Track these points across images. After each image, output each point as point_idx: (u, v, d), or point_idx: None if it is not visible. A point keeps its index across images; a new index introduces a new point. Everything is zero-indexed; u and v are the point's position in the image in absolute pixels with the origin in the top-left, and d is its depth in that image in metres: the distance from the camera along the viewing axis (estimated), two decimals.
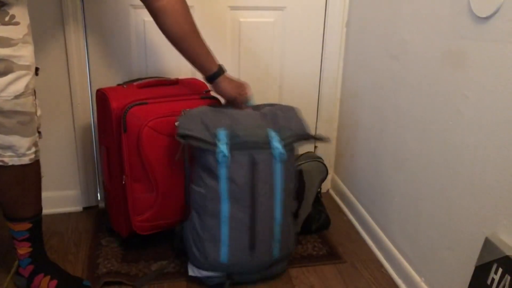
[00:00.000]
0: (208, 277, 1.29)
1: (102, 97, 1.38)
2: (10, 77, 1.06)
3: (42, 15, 1.49)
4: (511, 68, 0.90)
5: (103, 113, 1.40)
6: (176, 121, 1.27)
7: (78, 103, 1.60)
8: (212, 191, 1.22)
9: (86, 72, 1.59)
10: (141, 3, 1.24)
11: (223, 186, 1.21)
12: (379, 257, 1.48)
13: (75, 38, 1.53)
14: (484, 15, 0.96)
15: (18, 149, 1.12)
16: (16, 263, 1.30)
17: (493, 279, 0.91)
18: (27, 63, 1.10)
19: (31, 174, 1.19)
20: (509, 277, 0.87)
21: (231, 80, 1.36)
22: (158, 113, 1.31)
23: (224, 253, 1.25)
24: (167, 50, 1.63)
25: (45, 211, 1.69)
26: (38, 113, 1.17)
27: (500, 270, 0.90)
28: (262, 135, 1.23)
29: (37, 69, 1.15)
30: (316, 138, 1.33)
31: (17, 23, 1.07)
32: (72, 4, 1.49)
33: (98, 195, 1.75)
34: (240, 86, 1.38)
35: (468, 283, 1.00)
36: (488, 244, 0.95)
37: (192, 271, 1.31)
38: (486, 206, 0.98)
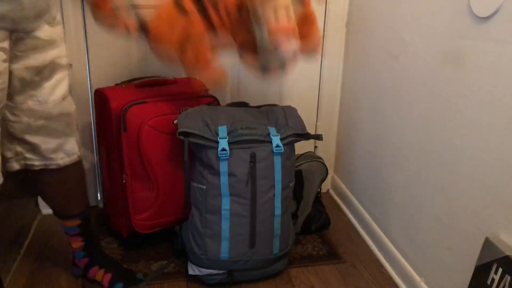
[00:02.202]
0: (208, 275, 1.29)
1: (101, 97, 1.38)
2: (55, 79, 1.06)
3: None
4: (511, 68, 0.90)
5: (102, 113, 1.40)
6: (175, 120, 1.27)
7: (78, 103, 1.60)
8: (212, 187, 1.23)
9: (86, 72, 1.59)
10: (141, 3, 1.24)
11: (224, 181, 1.22)
12: (379, 257, 1.48)
13: (75, 38, 1.53)
14: (484, 15, 0.96)
15: (68, 149, 1.14)
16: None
17: (493, 279, 0.91)
18: (66, 62, 1.10)
19: (77, 171, 1.22)
20: (509, 277, 0.87)
21: None
22: (157, 111, 1.32)
23: (224, 249, 1.25)
24: None
25: (45, 211, 1.70)
26: (74, 107, 1.17)
27: (500, 270, 0.90)
28: (262, 131, 1.24)
29: (70, 65, 1.17)
30: (313, 137, 1.33)
31: (59, 23, 1.07)
32: (72, 4, 1.49)
33: (98, 195, 1.75)
34: None
35: (468, 283, 1.00)
36: (488, 244, 0.95)
37: (192, 270, 1.31)
38: (486, 206, 0.98)
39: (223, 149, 1.19)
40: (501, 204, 0.94)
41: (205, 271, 1.29)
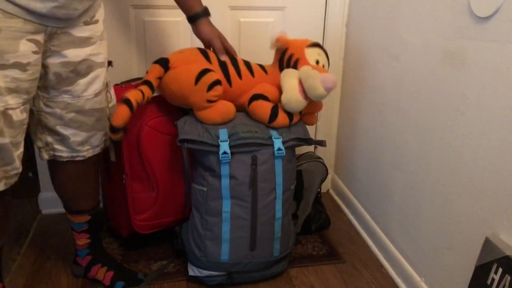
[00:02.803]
0: (209, 277, 1.29)
1: None
2: (91, 76, 1.09)
3: None
4: (511, 68, 0.90)
5: None
6: (175, 121, 1.28)
7: None
8: (213, 189, 1.23)
9: None
10: (141, 3, 1.24)
11: (225, 184, 1.21)
12: (379, 257, 1.48)
13: None
14: (484, 15, 0.96)
15: (94, 142, 1.17)
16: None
17: (493, 279, 0.91)
18: (103, 60, 1.13)
19: (96, 165, 1.25)
20: (509, 277, 0.87)
21: (212, 25, 1.32)
22: (157, 112, 1.31)
23: (225, 251, 1.25)
24: (167, 50, 1.63)
25: (45, 211, 1.70)
26: (112, 103, 1.20)
27: (500, 270, 0.90)
28: (263, 134, 1.23)
29: (110, 62, 1.19)
30: (315, 143, 1.33)
31: (97, 21, 1.09)
32: None
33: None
34: (220, 33, 1.33)
35: (468, 283, 1.00)
36: (488, 244, 0.95)
37: (192, 271, 1.31)
38: (486, 206, 0.98)
39: (225, 152, 1.19)
40: (501, 204, 0.94)
41: (205, 273, 1.29)
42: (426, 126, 1.20)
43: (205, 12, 1.30)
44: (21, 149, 1.00)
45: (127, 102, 1.15)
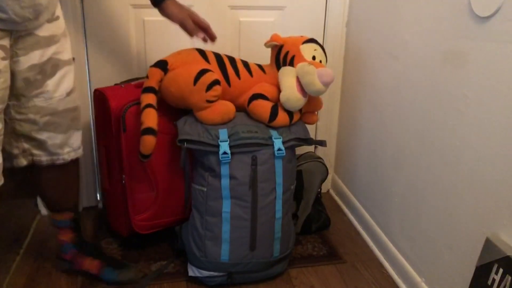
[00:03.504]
0: (208, 277, 1.29)
1: (100, 97, 1.38)
2: (58, 75, 1.07)
3: None
4: (511, 68, 0.90)
5: (101, 113, 1.40)
6: (175, 121, 1.27)
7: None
8: (213, 189, 1.23)
9: (86, 72, 1.59)
10: (141, 3, 1.24)
11: (225, 184, 1.21)
12: (379, 257, 1.48)
13: (75, 38, 1.53)
14: (484, 15, 0.96)
15: (73, 143, 1.16)
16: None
17: (493, 280, 0.91)
18: (69, 57, 1.11)
19: (77, 166, 1.26)
20: (509, 277, 0.87)
21: (179, 5, 1.27)
22: (157, 112, 1.31)
23: (225, 252, 1.25)
24: (167, 50, 1.62)
25: (45, 211, 1.69)
26: (78, 102, 1.20)
27: (501, 270, 0.89)
28: (263, 134, 1.23)
29: (73, 59, 1.17)
30: (315, 143, 1.33)
31: (58, 18, 1.07)
32: (72, 4, 1.49)
33: (98, 195, 1.75)
34: (190, 10, 1.28)
35: (468, 284, 1.00)
36: (488, 244, 0.94)
37: (192, 272, 1.31)
38: (486, 206, 0.98)
39: (225, 153, 1.19)
40: (502, 204, 0.94)
41: (205, 273, 1.29)
42: (426, 126, 1.20)
43: None
44: (0, 160, 0.98)
45: (152, 132, 1.17)
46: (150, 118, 1.19)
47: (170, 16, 1.26)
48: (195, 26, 1.26)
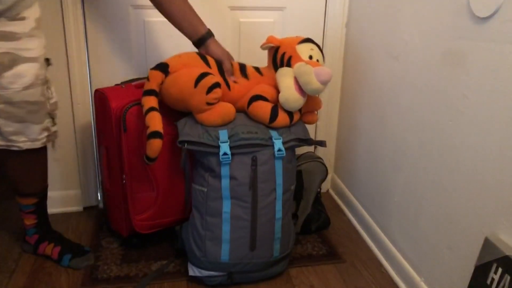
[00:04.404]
0: (209, 277, 1.29)
1: (100, 97, 1.38)
2: (17, 69, 1.12)
3: (42, 15, 1.48)
4: (511, 68, 0.90)
5: (102, 113, 1.40)
6: (175, 122, 1.28)
7: (78, 103, 1.60)
8: (214, 190, 1.23)
9: (86, 72, 1.59)
10: (141, 3, 1.25)
11: (225, 184, 1.21)
12: (379, 257, 1.48)
13: (75, 38, 1.53)
14: (483, 15, 0.96)
15: (30, 135, 1.22)
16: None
17: (492, 279, 0.91)
18: (34, 55, 1.16)
19: (40, 156, 1.32)
20: (509, 277, 0.87)
21: (220, 45, 1.35)
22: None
23: (225, 252, 1.25)
24: (167, 50, 1.63)
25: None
26: (53, 100, 1.26)
27: (500, 270, 0.90)
28: (263, 135, 1.23)
29: (48, 60, 1.23)
30: (315, 143, 1.33)
31: (23, 18, 1.12)
32: (72, 4, 1.49)
33: (99, 195, 1.75)
34: (228, 53, 1.36)
35: (468, 283, 1.00)
36: (487, 244, 0.95)
37: (192, 271, 1.31)
38: (486, 206, 0.98)
39: (225, 153, 1.19)
40: (501, 204, 0.94)
41: (205, 273, 1.29)
42: (426, 126, 1.21)
43: (211, 33, 1.34)
44: None
45: (159, 135, 1.19)
46: (156, 122, 1.20)
47: (211, 55, 1.32)
48: (231, 69, 1.32)
